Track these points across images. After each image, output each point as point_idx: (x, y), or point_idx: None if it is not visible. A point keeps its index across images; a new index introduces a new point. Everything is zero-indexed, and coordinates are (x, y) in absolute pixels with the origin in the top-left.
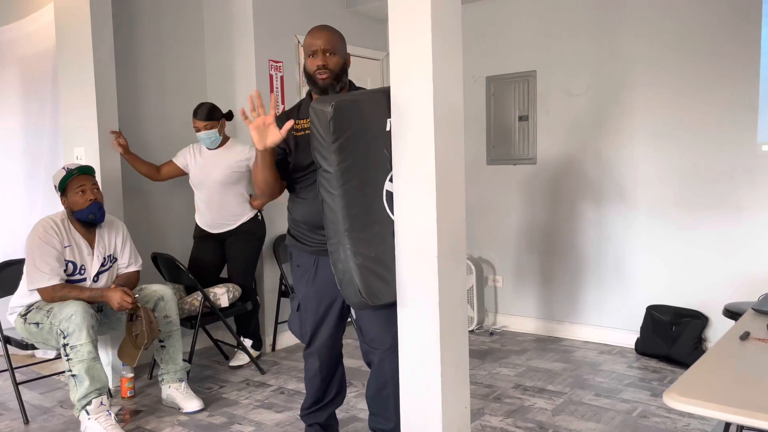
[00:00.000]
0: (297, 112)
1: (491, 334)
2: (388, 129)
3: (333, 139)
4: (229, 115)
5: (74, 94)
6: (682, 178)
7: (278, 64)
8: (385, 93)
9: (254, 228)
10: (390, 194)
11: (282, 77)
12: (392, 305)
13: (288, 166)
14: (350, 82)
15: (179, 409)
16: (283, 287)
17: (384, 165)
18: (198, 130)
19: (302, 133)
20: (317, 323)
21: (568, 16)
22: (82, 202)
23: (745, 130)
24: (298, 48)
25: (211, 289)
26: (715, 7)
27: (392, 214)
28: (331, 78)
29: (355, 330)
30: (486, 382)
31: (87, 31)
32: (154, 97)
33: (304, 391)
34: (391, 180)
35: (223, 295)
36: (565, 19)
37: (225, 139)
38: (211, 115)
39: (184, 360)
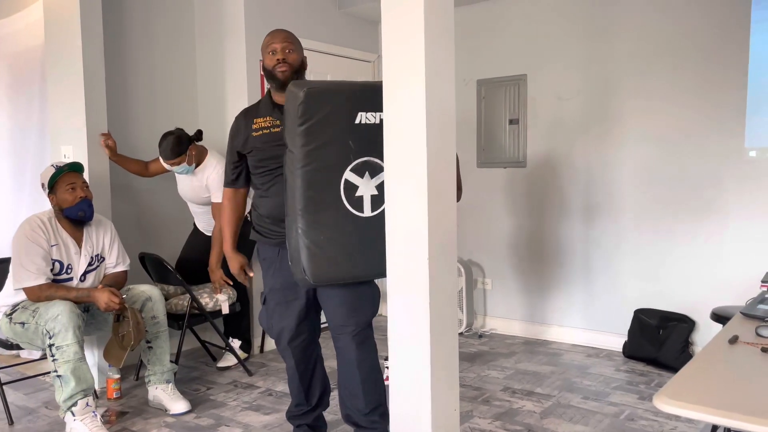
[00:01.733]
0: (256, 110)
1: (480, 336)
2: (357, 122)
3: (300, 122)
4: (198, 136)
5: (62, 91)
6: (670, 182)
7: None
8: (362, 87)
9: (243, 229)
10: (349, 183)
11: None
12: (357, 291)
13: (248, 174)
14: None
15: (166, 410)
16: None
17: (347, 155)
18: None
19: (261, 133)
20: (283, 314)
21: (559, 20)
22: (72, 199)
23: (732, 135)
24: None
25: (214, 294)
26: (704, 13)
27: (348, 203)
28: (290, 72)
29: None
30: (475, 384)
31: (76, 28)
32: (143, 96)
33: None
34: (352, 170)
35: (224, 302)
36: (556, 23)
37: (201, 157)
38: (176, 151)
39: (171, 361)
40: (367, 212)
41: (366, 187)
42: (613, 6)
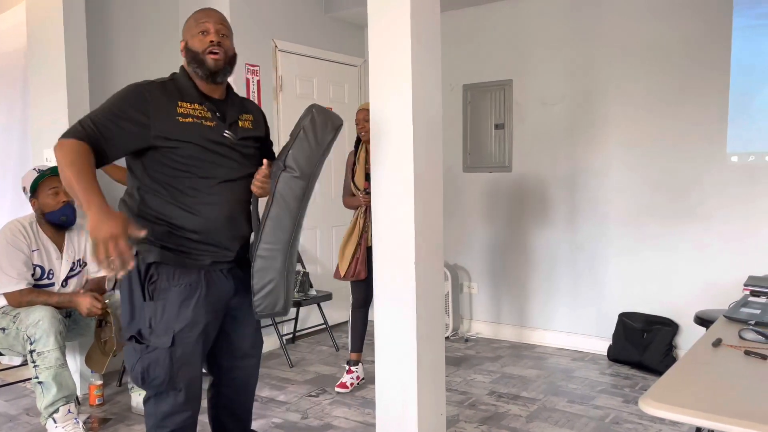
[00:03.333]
0: (178, 91)
1: (466, 340)
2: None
3: (325, 149)
4: None
5: (45, 94)
6: (653, 187)
7: (255, 68)
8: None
9: None
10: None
11: (259, 81)
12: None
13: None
14: (229, 84)
15: None
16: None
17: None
18: None
19: (190, 120)
20: (193, 359)
21: (545, 27)
22: (54, 203)
23: (715, 141)
24: (275, 52)
25: None
26: (687, 21)
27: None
28: (224, 61)
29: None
30: (461, 388)
31: (59, 31)
32: None
33: (279, 399)
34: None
35: None
36: (541, 29)
37: None
38: None
39: None
40: None
41: None
42: (597, 13)
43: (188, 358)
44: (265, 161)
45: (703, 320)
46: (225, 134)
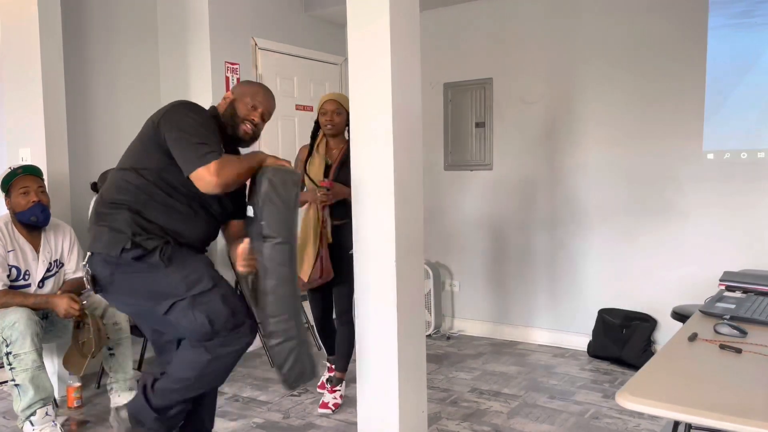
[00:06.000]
0: (216, 122)
1: (448, 338)
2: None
3: (294, 206)
4: None
5: (19, 93)
6: (631, 184)
7: (234, 66)
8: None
9: None
10: None
11: (238, 79)
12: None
13: None
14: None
15: None
16: (238, 292)
17: None
18: None
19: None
20: (228, 286)
21: (524, 26)
22: (24, 203)
23: (691, 138)
24: (255, 50)
25: None
26: (664, 20)
27: None
28: (251, 140)
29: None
30: (443, 386)
31: (34, 28)
32: (104, 98)
33: (261, 399)
34: None
35: None
36: (520, 28)
37: None
38: None
39: (134, 368)
40: None
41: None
42: (576, 13)
43: (231, 290)
44: (245, 240)
45: (680, 315)
46: None
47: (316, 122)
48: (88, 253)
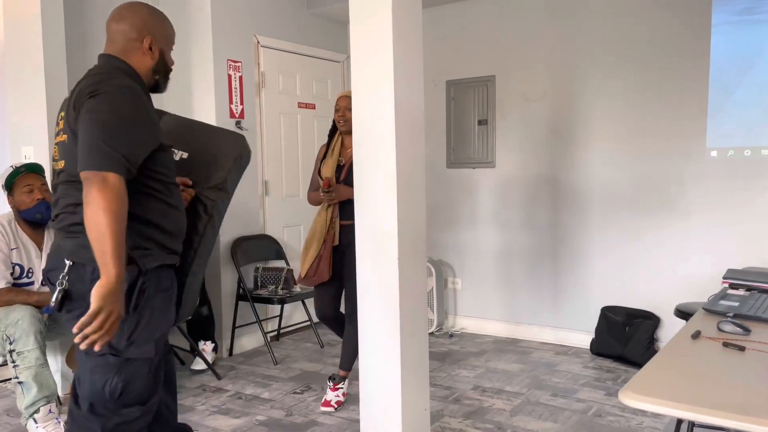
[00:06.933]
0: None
1: (450, 336)
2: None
3: (242, 174)
4: None
5: (22, 91)
6: (634, 182)
7: (237, 64)
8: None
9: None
10: None
11: (241, 77)
12: None
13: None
14: None
15: None
16: (241, 291)
17: None
18: None
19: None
20: (160, 375)
21: (527, 23)
22: (29, 201)
23: (694, 135)
24: (257, 48)
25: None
26: (667, 17)
27: None
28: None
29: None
30: (445, 384)
31: (37, 25)
32: None
33: (263, 396)
34: None
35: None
36: (523, 26)
37: None
38: None
39: None
40: None
41: None
42: (578, 10)
43: (159, 364)
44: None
45: (684, 313)
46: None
47: (334, 120)
48: (68, 263)
